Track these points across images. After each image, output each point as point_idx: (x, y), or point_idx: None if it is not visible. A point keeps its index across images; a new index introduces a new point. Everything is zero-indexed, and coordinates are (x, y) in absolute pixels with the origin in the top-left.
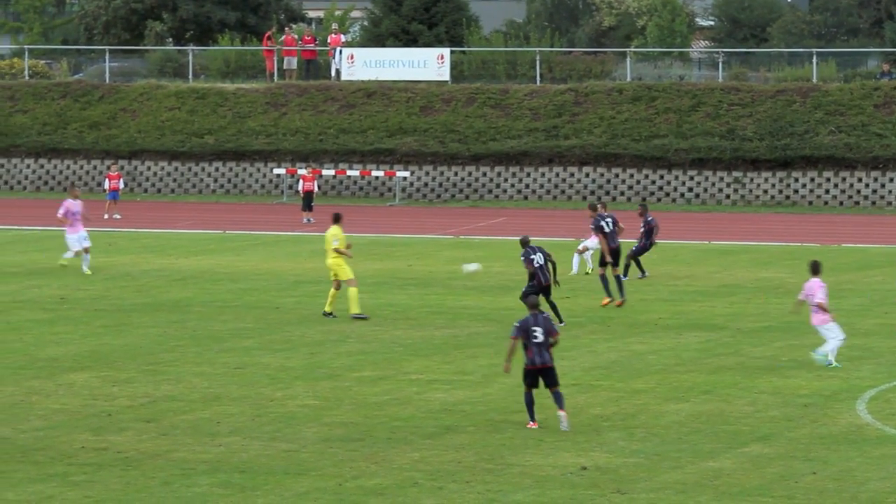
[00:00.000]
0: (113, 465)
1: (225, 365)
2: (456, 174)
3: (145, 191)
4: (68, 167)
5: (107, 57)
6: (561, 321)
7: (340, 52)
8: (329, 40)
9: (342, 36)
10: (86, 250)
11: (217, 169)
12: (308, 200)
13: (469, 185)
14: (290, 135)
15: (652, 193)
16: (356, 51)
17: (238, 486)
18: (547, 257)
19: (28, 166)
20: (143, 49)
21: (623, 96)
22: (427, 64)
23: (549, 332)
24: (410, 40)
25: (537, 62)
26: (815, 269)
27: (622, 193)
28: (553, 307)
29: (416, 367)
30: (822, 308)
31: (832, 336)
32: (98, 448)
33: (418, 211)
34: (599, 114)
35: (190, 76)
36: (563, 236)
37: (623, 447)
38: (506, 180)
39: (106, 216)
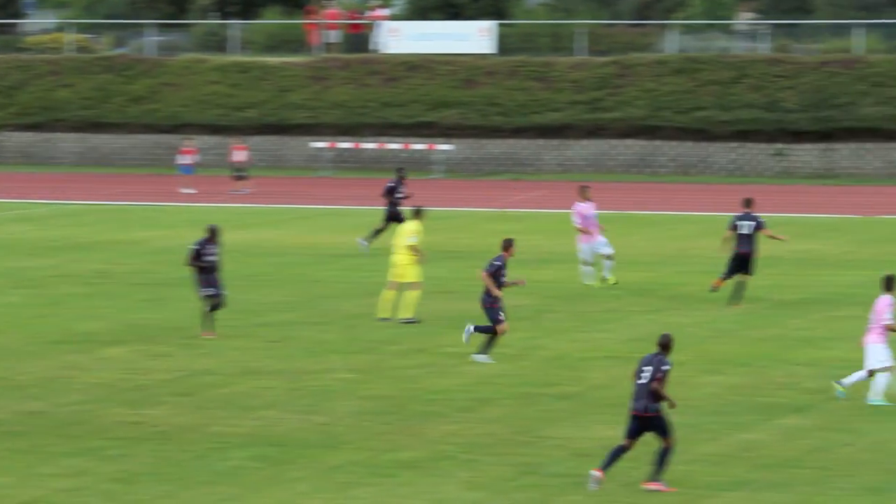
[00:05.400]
0: (148, 439)
1: (262, 339)
2: (498, 147)
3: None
4: (111, 141)
5: (150, 31)
6: None
7: (382, 25)
8: (370, 14)
9: (385, 10)
10: (607, 257)
11: (259, 142)
12: (239, 171)
13: (510, 158)
14: (332, 108)
15: (694, 165)
16: (400, 24)
17: (272, 459)
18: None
19: (71, 140)
20: (186, 23)
21: (666, 68)
22: (471, 37)
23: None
24: (455, 13)
25: (580, 35)
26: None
27: (662, 166)
28: None
29: (453, 340)
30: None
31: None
32: (134, 422)
33: (459, 184)
34: (642, 86)
35: (233, 49)
36: (603, 209)
37: None
38: (547, 153)
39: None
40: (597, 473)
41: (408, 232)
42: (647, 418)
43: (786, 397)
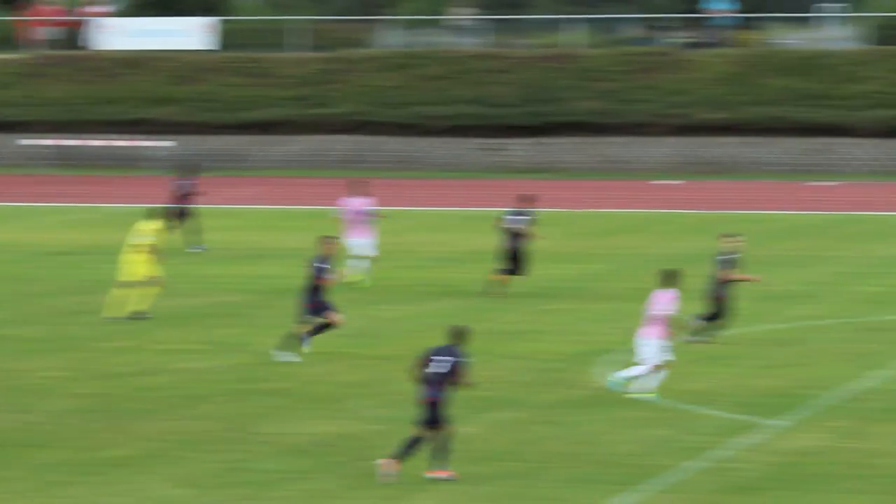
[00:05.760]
0: None
1: None
2: (216, 143)
3: None
4: None
5: None
6: None
7: (100, 22)
8: (88, 10)
9: (103, 6)
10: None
11: None
12: None
13: (229, 154)
14: (49, 105)
15: (409, 160)
16: (119, 20)
17: None
18: None
19: None
20: None
21: (383, 64)
22: (190, 33)
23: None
24: (174, 10)
25: (300, 31)
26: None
27: (378, 161)
28: None
29: (167, 336)
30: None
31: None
32: None
33: None
34: (361, 81)
35: None
36: (321, 204)
37: (368, 414)
38: (266, 149)
39: None
40: (385, 462)
41: (145, 231)
42: (437, 406)
43: (497, 391)
